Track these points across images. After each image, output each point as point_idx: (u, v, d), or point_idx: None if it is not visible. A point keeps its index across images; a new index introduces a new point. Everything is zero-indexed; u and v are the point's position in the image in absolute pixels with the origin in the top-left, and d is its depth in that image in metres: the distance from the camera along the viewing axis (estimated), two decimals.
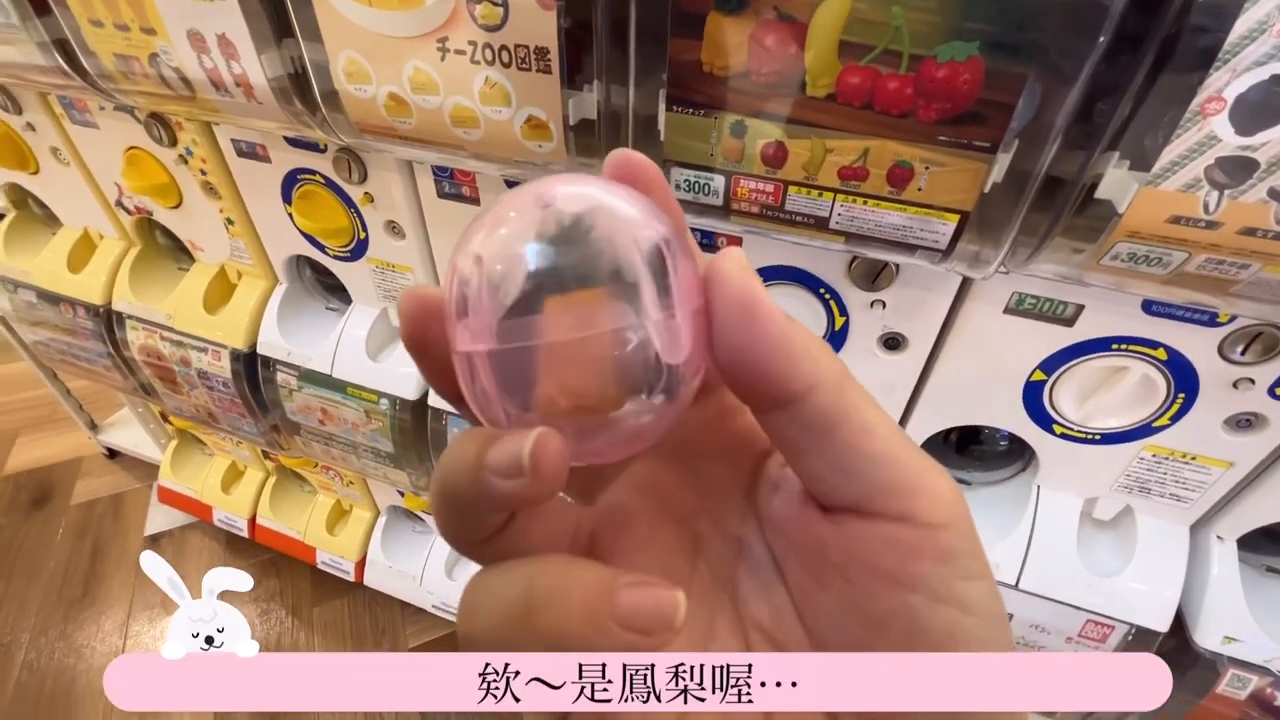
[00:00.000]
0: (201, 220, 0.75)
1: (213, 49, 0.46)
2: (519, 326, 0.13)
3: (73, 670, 1.09)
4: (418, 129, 0.44)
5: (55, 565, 1.23)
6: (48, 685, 1.07)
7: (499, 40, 0.38)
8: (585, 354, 0.14)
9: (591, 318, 0.13)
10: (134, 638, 1.13)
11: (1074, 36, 0.29)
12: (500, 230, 0.14)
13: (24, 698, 1.06)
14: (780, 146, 0.36)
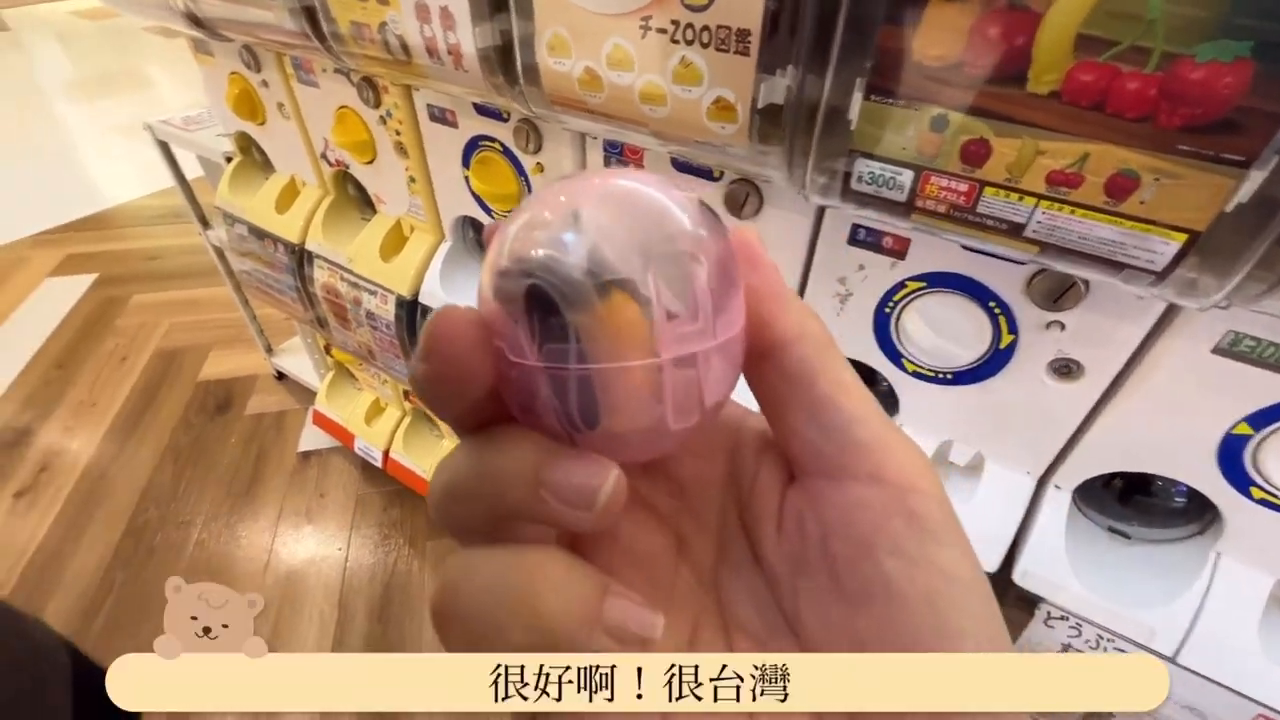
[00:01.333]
0: (389, 176, 0.83)
1: (434, 19, 0.51)
2: (576, 349, 0.13)
3: (232, 555, 1.26)
4: (606, 104, 0.46)
5: (228, 463, 1.42)
6: (213, 562, 1.25)
7: (702, 20, 0.39)
8: (653, 379, 0.13)
9: (658, 342, 0.13)
10: (280, 536, 1.29)
11: None
12: (551, 237, 0.13)
13: (195, 568, 1.24)
14: (984, 144, 0.34)
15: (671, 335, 0.13)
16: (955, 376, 0.53)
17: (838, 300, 0.55)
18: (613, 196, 0.14)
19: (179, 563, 1.25)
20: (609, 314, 0.13)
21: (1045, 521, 0.54)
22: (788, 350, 0.15)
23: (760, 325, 0.15)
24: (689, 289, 0.13)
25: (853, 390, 0.15)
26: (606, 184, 0.14)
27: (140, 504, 1.34)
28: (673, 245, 0.13)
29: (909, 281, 0.51)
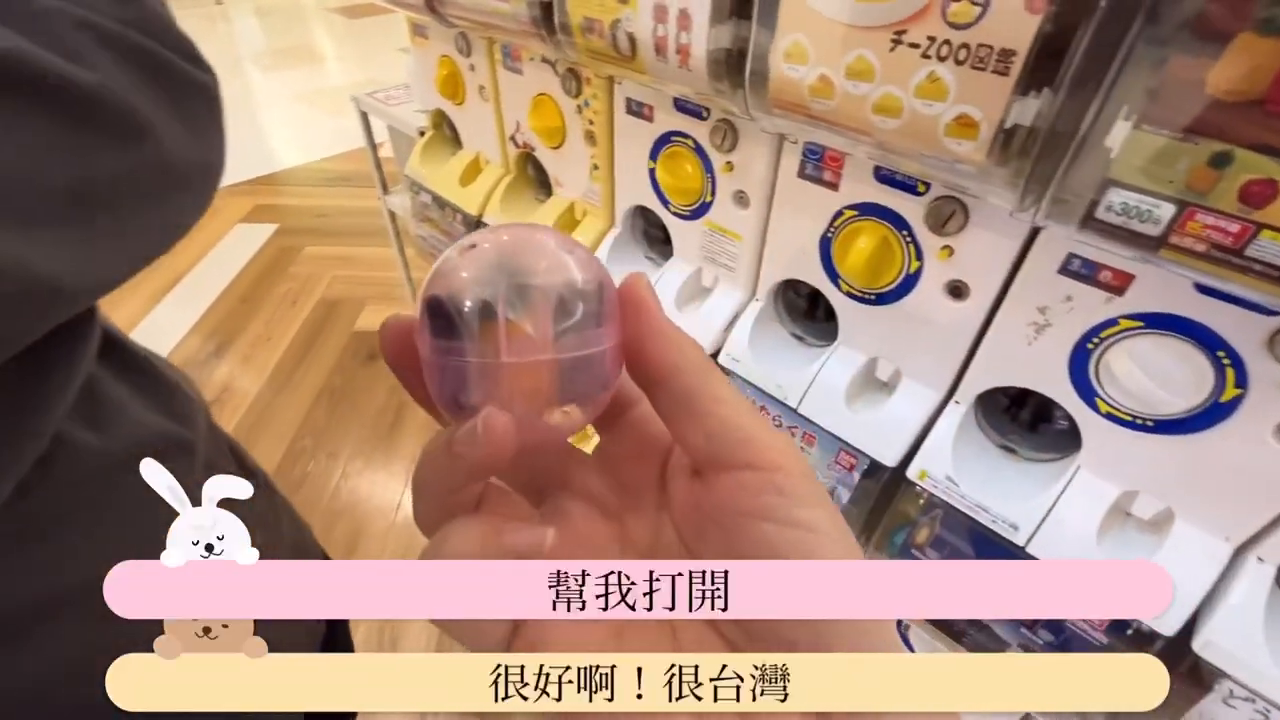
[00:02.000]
0: (573, 162, 0.88)
1: (671, 20, 0.54)
2: (480, 345, 0.17)
3: (369, 492, 1.39)
4: (833, 111, 0.48)
5: (373, 409, 1.57)
6: (353, 494, 1.38)
7: (963, 38, 0.39)
8: (543, 369, 0.18)
9: (546, 343, 0.17)
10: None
11: None
12: (471, 266, 0.18)
13: (337, 497, 1.38)
14: (1271, 185, 0.33)
15: (513, 344, 0.17)
16: (1157, 425, 0.51)
17: (1032, 329, 0.54)
18: (503, 243, 0.18)
19: (325, 489, 1.39)
20: (476, 326, 0.17)
21: (1242, 594, 0.50)
22: (673, 379, 0.19)
23: (647, 358, 0.19)
24: (534, 314, 0.17)
25: (727, 402, 0.19)
26: (504, 235, 0.19)
27: (299, 432, 1.51)
28: (527, 280, 0.18)
29: (1123, 319, 0.49)
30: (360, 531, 1.31)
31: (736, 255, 0.75)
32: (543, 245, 0.18)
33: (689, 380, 0.19)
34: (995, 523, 0.59)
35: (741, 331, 0.76)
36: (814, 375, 0.71)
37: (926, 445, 0.64)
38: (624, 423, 0.22)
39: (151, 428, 0.31)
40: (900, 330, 0.64)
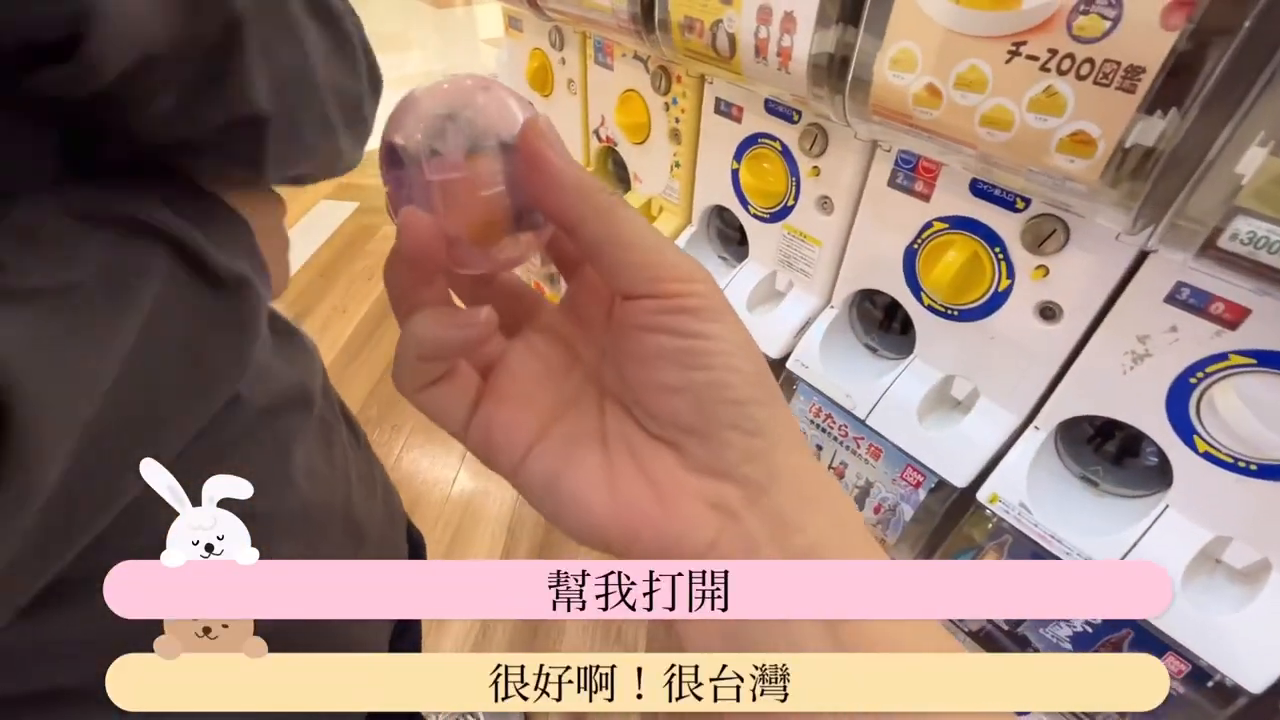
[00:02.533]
0: (655, 158, 0.89)
1: (774, 22, 0.54)
2: (413, 170, 0.20)
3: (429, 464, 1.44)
4: (937, 121, 0.47)
5: None
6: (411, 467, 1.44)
7: (1086, 52, 0.38)
8: (429, 188, 0.20)
9: (426, 169, 0.20)
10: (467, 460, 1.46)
11: None
12: (410, 110, 0.21)
13: (397, 468, 1.44)
14: None
15: (434, 167, 0.20)
16: (1261, 469, 0.48)
17: (1129, 358, 0.52)
18: (439, 91, 0.21)
19: (389, 459, 1.45)
20: (413, 156, 0.20)
21: None
22: (578, 231, 0.20)
23: (549, 213, 0.21)
24: (448, 144, 0.20)
25: (634, 247, 0.20)
26: (444, 84, 0.21)
27: (367, 402, 1.58)
28: (446, 115, 0.20)
29: (1234, 355, 0.46)
30: (417, 502, 1.36)
31: (814, 260, 0.75)
32: (471, 91, 0.21)
33: (592, 230, 0.20)
34: (1070, 554, 0.57)
35: (813, 338, 0.75)
36: (886, 388, 0.69)
37: (1001, 469, 0.62)
38: (584, 268, 0.25)
39: (283, 379, 0.33)
40: (982, 349, 0.62)
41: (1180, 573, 0.53)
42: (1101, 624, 0.56)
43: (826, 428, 0.74)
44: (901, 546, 0.72)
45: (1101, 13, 0.37)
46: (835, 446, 0.74)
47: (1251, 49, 0.33)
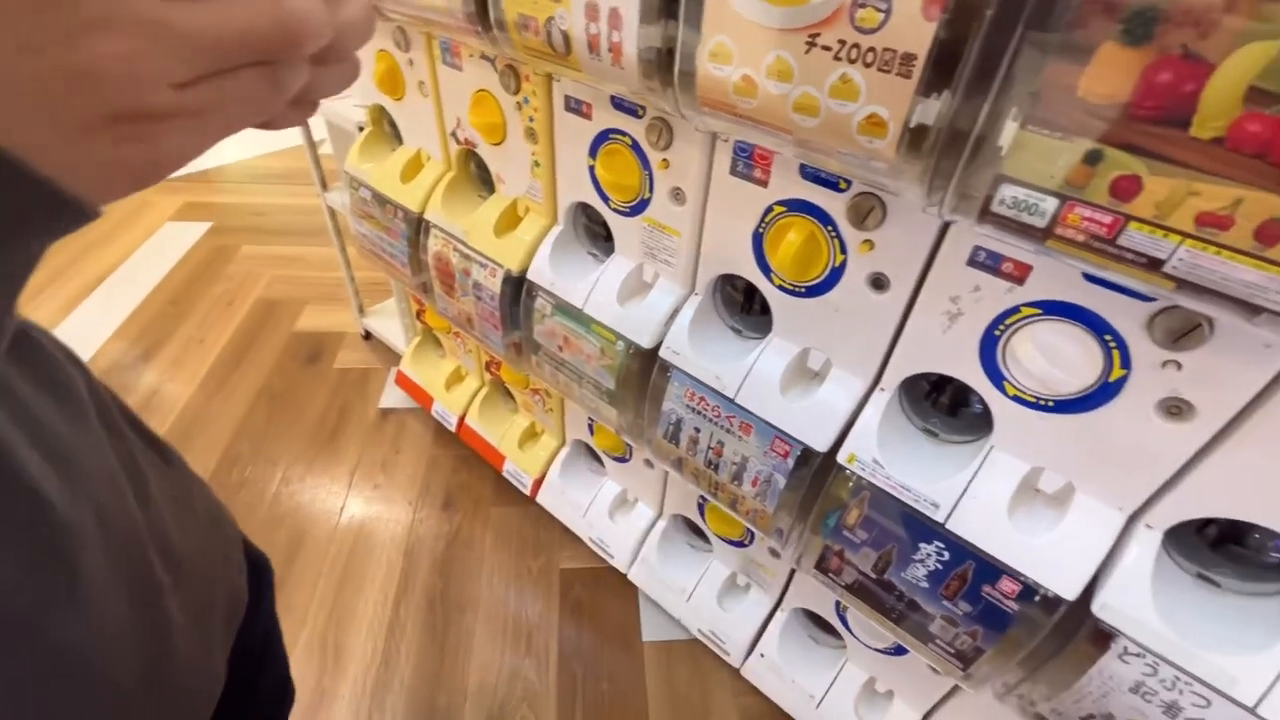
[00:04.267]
0: (514, 158, 0.88)
1: (602, 19, 0.55)
2: None
3: (312, 495, 1.35)
4: (756, 110, 0.50)
5: (314, 411, 1.52)
6: (294, 499, 1.34)
7: (869, 42, 0.42)
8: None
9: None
10: (356, 485, 1.38)
11: None
12: None
13: (278, 503, 1.34)
14: (1136, 180, 0.36)
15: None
16: (1057, 405, 0.55)
17: (946, 318, 0.57)
18: None
19: (265, 495, 1.35)
20: None
21: (1132, 558, 0.55)
22: None
23: None
24: None
25: None
26: None
27: (234, 439, 1.45)
28: None
29: (1024, 307, 0.52)
30: (302, 537, 1.28)
31: (675, 251, 0.77)
32: None
33: None
34: (918, 501, 0.63)
35: (681, 325, 0.78)
36: (750, 366, 0.73)
37: (855, 430, 0.67)
38: None
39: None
40: (828, 321, 0.67)
41: (1005, 504, 0.59)
42: (950, 559, 0.62)
43: (701, 410, 0.77)
44: (781, 514, 0.76)
45: (876, 6, 0.41)
46: (711, 427, 0.77)
47: (996, 36, 0.38)
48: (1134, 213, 0.37)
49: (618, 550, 1.18)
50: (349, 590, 1.20)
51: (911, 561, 0.65)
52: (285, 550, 1.26)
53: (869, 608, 0.71)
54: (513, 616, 1.17)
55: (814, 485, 0.71)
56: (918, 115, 0.43)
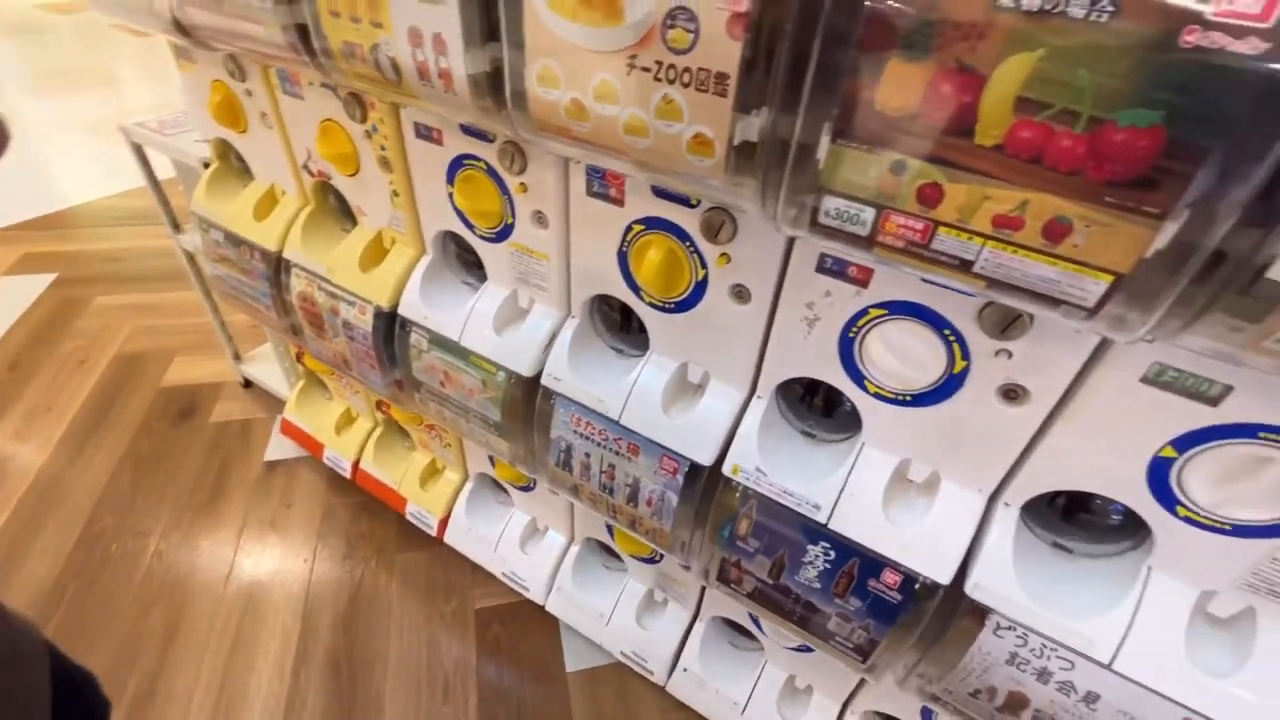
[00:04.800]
0: (372, 189, 0.84)
1: (427, 45, 0.53)
2: None
3: (192, 565, 1.23)
4: (591, 133, 0.49)
5: (190, 472, 1.39)
6: (171, 572, 1.22)
7: (684, 62, 0.42)
8: None
9: None
10: (243, 548, 1.27)
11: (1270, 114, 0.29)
12: None
13: (151, 578, 1.21)
14: (937, 188, 0.37)
15: None
16: (914, 399, 0.57)
17: (805, 324, 0.59)
18: None
19: (135, 573, 1.21)
20: None
21: (994, 537, 0.58)
22: None
23: None
24: None
25: None
26: None
27: (95, 512, 1.30)
28: None
29: (872, 309, 0.54)
30: (182, 614, 1.15)
31: (546, 275, 0.75)
32: None
33: None
34: (801, 505, 0.64)
35: (560, 350, 0.76)
36: (631, 386, 0.72)
37: (736, 441, 0.67)
38: None
39: None
40: (700, 335, 0.67)
41: (880, 498, 0.61)
42: (836, 558, 0.63)
43: (589, 435, 0.75)
44: (678, 530, 0.75)
45: (685, 26, 0.40)
46: (601, 451, 0.75)
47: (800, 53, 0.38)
48: (940, 218, 0.38)
49: (533, 581, 1.14)
50: (239, 666, 1.09)
51: (802, 564, 0.65)
52: (162, 632, 1.13)
53: (771, 613, 0.72)
54: (427, 666, 1.11)
55: (706, 499, 0.71)
56: (740, 133, 0.43)
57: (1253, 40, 0.27)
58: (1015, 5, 0.31)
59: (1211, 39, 0.28)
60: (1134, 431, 0.48)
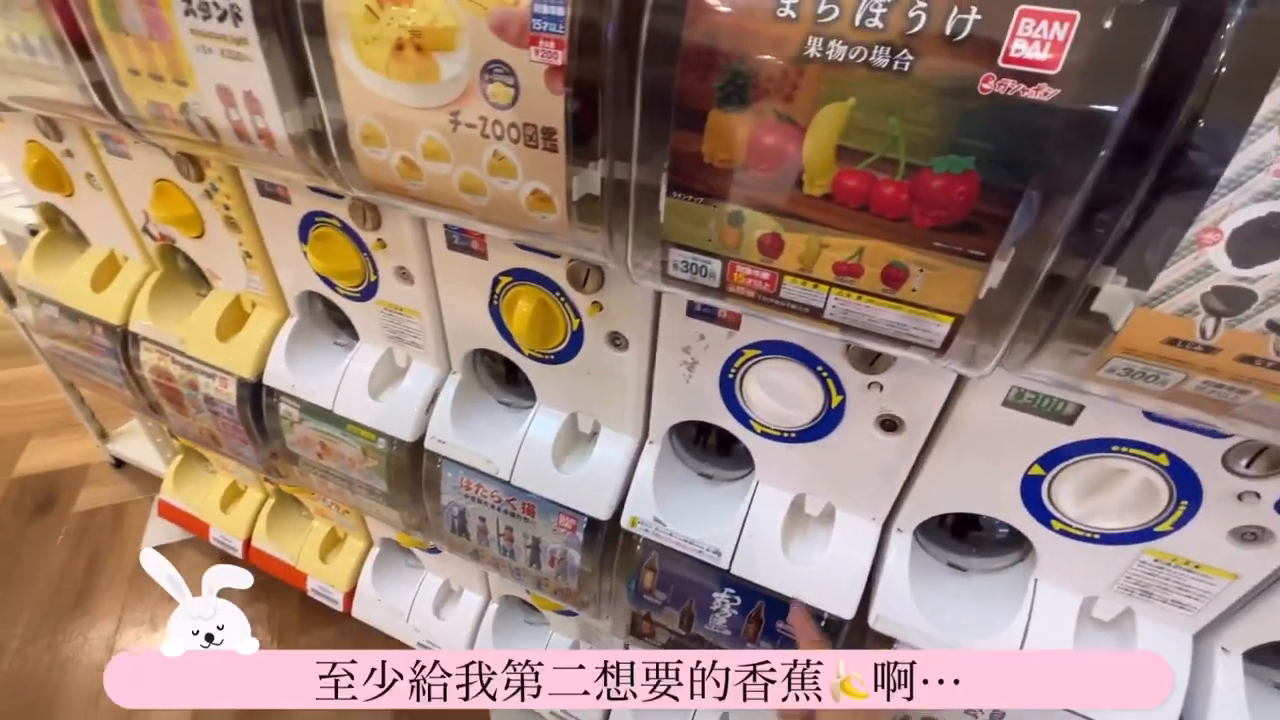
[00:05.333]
0: (221, 251, 0.76)
1: (239, 103, 0.48)
2: None
3: (56, 682, 1.08)
4: (428, 192, 0.45)
5: (51, 573, 1.23)
6: (32, 686, 1.06)
7: (509, 118, 0.39)
8: None
9: None
10: (119, 650, 1.13)
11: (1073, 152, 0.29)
12: None
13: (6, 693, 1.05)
14: (776, 238, 0.36)
15: None
16: (799, 434, 0.56)
17: (685, 368, 0.57)
18: None
19: None
20: None
21: (891, 564, 0.57)
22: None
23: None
24: None
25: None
26: None
27: None
28: None
29: (746, 349, 0.53)
30: None
31: (421, 332, 0.70)
32: None
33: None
34: (702, 552, 0.61)
35: (443, 410, 0.71)
36: (520, 441, 0.68)
37: (632, 491, 0.64)
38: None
39: None
40: (585, 384, 0.64)
41: (779, 535, 0.60)
42: (742, 603, 0.61)
43: (481, 498, 0.71)
44: (586, 587, 0.71)
45: (503, 81, 0.38)
46: (496, 514, 0.71)
47: (622, 107, 0.36)
48: (784, 268, 0.37)
49: (451, 648, 1.07)
50: None
51: (711, 613, 0.63)
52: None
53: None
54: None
55: (609, 553, 0.67)
56: (579, 188, 0.40)
57: (1043, 87, 0.27)
58: (822, 55, 0.30)
59: (1007, 86, 0.28)
60: (1004, 452, 0.49)
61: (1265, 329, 0.29)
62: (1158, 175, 0.28)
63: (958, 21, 0.27)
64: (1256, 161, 0.26)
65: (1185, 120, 0.27)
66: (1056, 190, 0.30)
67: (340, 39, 0.41)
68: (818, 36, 0.30)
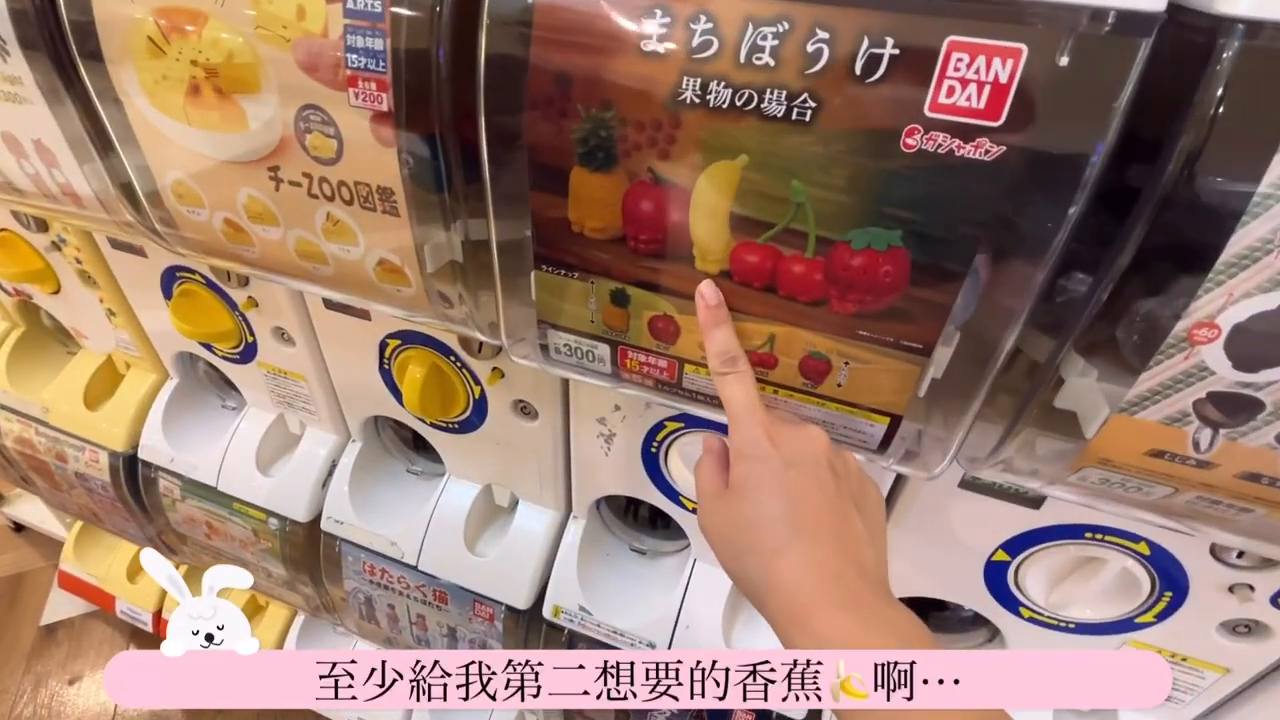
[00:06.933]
0: (82, 308, 0.67)
1: (30, 154, 0.39)
2: None
3: None
4: (263, 259, 0.37)
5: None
6: None
7: (335, 175, 0.31)
8: None
9: None
10: None
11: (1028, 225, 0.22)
12: None
13: None
14: (670, 321, 0.29)
15: None
16: None
17: (603, 440, 0.49)
18: None
19: None
20: None
21: None
22: None
23: None
24: None
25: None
26: None
27: None
28: None
29: (668, 422, 0.46)
30: None
31: (311, 396, 0.61)
32: None
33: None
34: (635, 644, 0.54)
35: (340, 484, 0.62)
36: (429, 518, 0.60)
37: (554, 577, 0.56)
38: None
39: None
40: (496, 455, 0.56)
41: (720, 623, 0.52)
42: None
43: (387, 584, 0.62)
44: None
45: (322, 131, 0.30)
46: (405, 601, 0.62)
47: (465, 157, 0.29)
48: (684, 355, 0.30)
49: None
50: None
51: (648, 713, 0.55)
52: None
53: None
54: None
55: (532, 643, 0.59)
56: (433, 257, 0.33)
57: (983, 142, 0.21)
58: (701, 100, 0.23)
59: (936, 141, 0.21)
60: (965, 537, 0.42)
61: (1275, 443, 0.23)
62: (1135, 254, 0.22)
63: (869, 58, 0.21)
64: (1264, 240, 0.20)
65: (1169, 184, 0.20)
66: (1008, 270, 0.23)
67: (126, 78, 0.32)
68: (694, 77, 0.23)
